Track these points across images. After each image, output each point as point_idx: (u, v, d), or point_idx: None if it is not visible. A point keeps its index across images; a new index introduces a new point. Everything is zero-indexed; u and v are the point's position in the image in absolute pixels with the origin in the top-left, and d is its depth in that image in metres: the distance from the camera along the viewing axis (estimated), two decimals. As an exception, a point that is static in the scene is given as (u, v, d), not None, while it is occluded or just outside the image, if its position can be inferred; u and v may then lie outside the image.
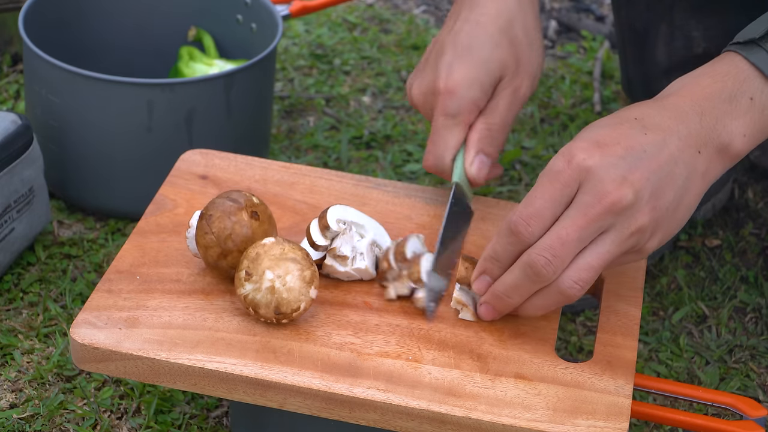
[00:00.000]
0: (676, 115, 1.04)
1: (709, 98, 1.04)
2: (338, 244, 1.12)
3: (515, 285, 1.04)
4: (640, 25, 1.46)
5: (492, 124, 1.19)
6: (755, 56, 1.04)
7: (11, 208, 1.38)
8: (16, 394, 1.28)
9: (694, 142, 1.03)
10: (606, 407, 1.02)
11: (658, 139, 1.02)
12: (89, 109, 1.45)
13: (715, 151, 1.04)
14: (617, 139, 1.02)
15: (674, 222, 1.04)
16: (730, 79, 1.05)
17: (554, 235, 1.01)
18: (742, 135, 1.04)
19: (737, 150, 1.05)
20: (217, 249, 1.09)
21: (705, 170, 1.04)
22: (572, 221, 1.01)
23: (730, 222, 1.57)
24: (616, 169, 1.01)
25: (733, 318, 1.43)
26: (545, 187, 1.02)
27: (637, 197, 1.00)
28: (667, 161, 1.02)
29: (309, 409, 1.03)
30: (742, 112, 1.04)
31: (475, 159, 1.19)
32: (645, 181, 1.01)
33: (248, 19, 1.62)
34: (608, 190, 1.00)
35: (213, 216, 1.09)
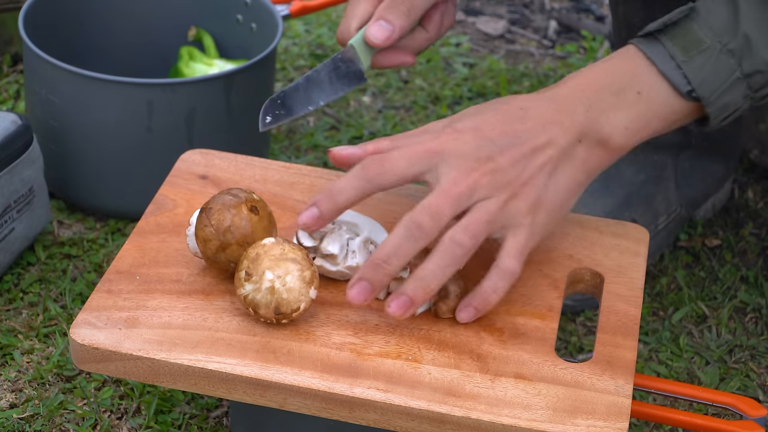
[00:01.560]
0: (562, 106, 1.08)
1: (597, 91, 1.08)
2: (324, 244, 1.12)
3: (394, 247, 1.04)
4: (637, 21, 1.46)
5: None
6: (652, 49, 1.08)
7: (11, 208, 1.38)
8: (16, 394, 1.28)
9: (577, 131, 1.07)
10: (606, 407, 1.02)
11: (536, 127, 1.06)
12: (89, 109, 1.45)
13: (595, 142, 1.07)
14: (496, 123, 1.07)
15: (554, 205, 1.07)
16: (620, 73, 1.08)
17: (434, 195, 1.04)
18: (624, 128, 1.07)
19: (617, 143, 1.08)
20: (216, 242, 1.09)
21: (585, 158, 1.07)
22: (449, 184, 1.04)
23: (730, 222, 1.57)
24: (485, 150, 1.05)
25: (733, 318, 1.43)
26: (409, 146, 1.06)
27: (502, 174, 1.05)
28: (541, 146, 1.06)
29: (309, 409, 1.03)
30: (627, 105, 1.07)
31: (375, 23, 1.19)
32: (512, 162, 1.05)
33: (248, 19, 1.62)
34: (473, 166, 1.05)
35: (213, 209, 1.09)
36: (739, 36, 1.06)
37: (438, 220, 1.04)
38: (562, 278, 1.16)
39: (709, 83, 1.07)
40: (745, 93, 1.08)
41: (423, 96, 1.80)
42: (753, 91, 1.08)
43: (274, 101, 1.18)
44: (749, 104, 1.09)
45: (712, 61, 1.06)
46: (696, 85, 1.07)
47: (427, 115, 1.76)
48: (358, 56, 1.20)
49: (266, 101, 1.18)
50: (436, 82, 1.84)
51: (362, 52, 1.20)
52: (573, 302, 1.42)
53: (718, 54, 1.06)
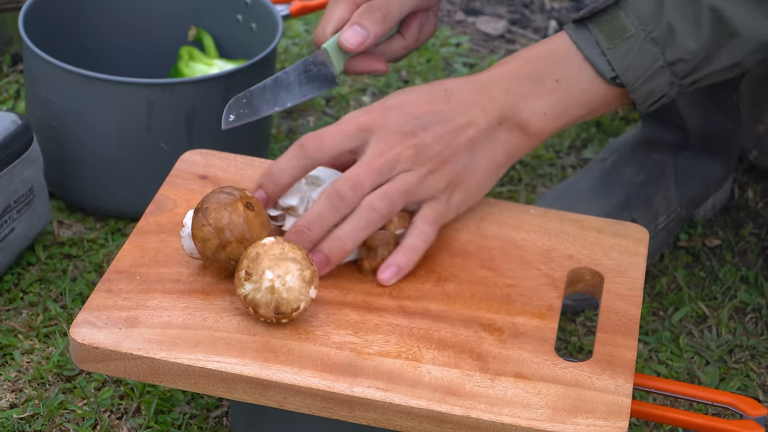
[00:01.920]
0: (483, 90, 1.12)
1: (516, 77, 1.12)
2: (283, 197, 1.14)
3: (316, 214, 1.10)
4: None
5: (373, 2, 1.20)
6: (579, 35, 1.11)
7: (11, 208, 1.38)
8: (16, 394, 1.28)
9: (497, 114, 1.12)
10: (606, 406, 1.02)
11: (459, 107, 1.11)
12: (89, 109, 1.45)
13: (515, 125, 1.13)
14: (420, 102, 1.12)
15: (474, 183, 1.13)
16: (543, 59, 1.12)
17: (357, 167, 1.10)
18: (543, 113, 1.12)
19: (536, 127, 1.13)
20: (215, 240, 1.09)
21: (505, 140, 1.13)
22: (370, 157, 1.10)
23: (730, 222, 1.57)
24: (409, 126, 1.11)
25: (733, 318, 1.43)
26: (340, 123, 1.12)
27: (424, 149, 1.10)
28: (463, 126, 1.11)
29: (309, 408, 1.03)
30: (545, 92, 1.12)
31: (349, 28, 1.20)
32: (435, 138, 1.11)
33: (248, 19, 1.62)
34: (398, 140, 1.10)
35: (209, 208, 1.09)
36: (662, 24, 1.08)
37: (358, 190, 1.10)
38: (561, 278, 1.16)
39: (633, 70, 1.10)
40: (670, 80, 1.10)
41: (423, 96, 1.80)
42: (679, 78, 1.10)
43: (239, 100, 1.19)
44: (677, 90, 1.12)
45: (635, 49, 1.09)
46: (620, 72, 1.10)
47: (427, 115, 1.76)
48: (330, 60, 1.21)
49: (231, 99, 1.18)
50: (436, 82, 1.83)
51: (335, 56, 1.21)
52: (573, 302, 1.42)
53: (642, 42, 1.09)
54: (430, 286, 1.14)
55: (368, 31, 1.20)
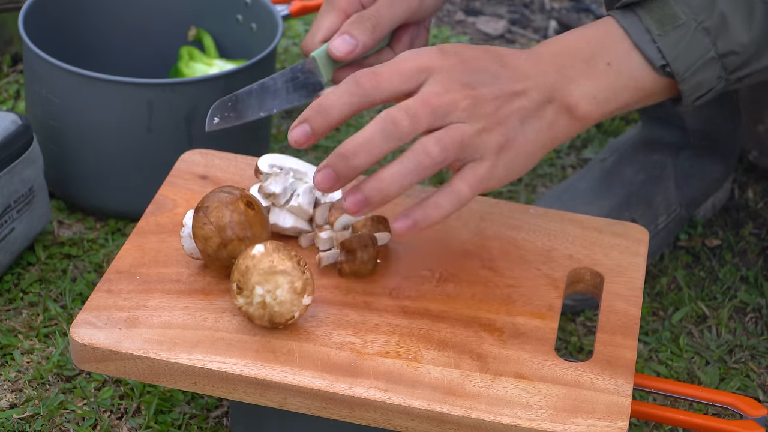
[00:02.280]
0: (537, 64, 1.07)
1: (569, 56, 1.07)
2: (267, 183, 1.15)
3: (367, 140, 1.02)
4: None
5: (363, 13, 1.20)
6: (627, 21, 1.07)
7: (11, 208, 1.38)
8: (16, 394, 1.28)
9: (548, 91, 1.06)
10: (606, 406, 1.02)
11: (513, 75, 1.06)
12: (89, 109, 1.45)
13: (562, 107, 1.07)
14: (475, 57, 1.06)
15: (521, 154, 1.06)
16: (594, 41, 1.08)
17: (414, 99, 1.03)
18: (593, 96, 1.07)
19: (583, 111, 1.07)
20: (216, 239, 1.09)
21: (551, 122, 1.07)
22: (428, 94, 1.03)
23: (730, 222, 1.57)
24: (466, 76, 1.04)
25: (733, 318, 1.43)
26: (398, 63, 1.04)
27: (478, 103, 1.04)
28: (517, 92, 1.05)
29: (309, 408, 1.03)
30: (596, 74, 1.07)
31: (339, 37, 1.20)
32: (490, 96, 1.04)
33: (248, 19, 1.62)
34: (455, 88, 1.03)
35: (210, 207, 1.09)
36: (715, 14, 1.05)
37: (414, 123, 1.02)
38: (562, 278, 1.16)
39: (683, 59, 1.06)
40: (719, 73, 1.07)
41: (423, 96, 1.80)
42: (727, 72, 1.07)
43: (224, 103, 1.19)
44: (723, 86, 1.08)
45: (687, 38, 1.06)
46: (670, 60, 1.06)
47: (427, 115, 1.76)
48: (318, 68, 1.21)
49: (216, 101, 1.18)
50: (436, 82, 1.83)
51: (324, 64, 1.21)
52: (573, 302, 1.42)
53: (694, 31, 1.06)
54: (430, 286, 1.14)
55: (357, 40, 1.19)
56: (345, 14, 1.21)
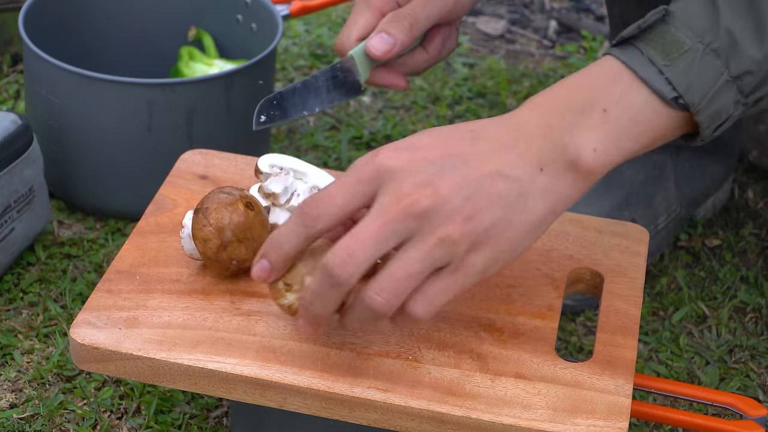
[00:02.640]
0: (519, 130, 0.96)
1: (558, 110, 0.96)
2: (267, 183, 1.14)
3: (316, 291, 0.96)
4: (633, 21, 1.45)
5: (399, 12, 1.18)
6: (628, 55, 0.97)
7: (11, 208, 1.38)
8: (16, 394, 1.28)
9: (535, 159, 0.95)
10: (606, 407, 1.02)
11: (488, 152, 0.95)
12: (89, 109, 1.45)
13: (563, 167, 0.96)
14: (437, 145, 0.95)
15: (508, 241, 0.95)
16: (586, 87, 0.97)
17: (351, 236, 0.93)
18: (592, 150, 0.95)
19: (588, 165, 0.96)
20: (216, 240, 1.09)
21: (549, 188, 0.95)
22: (369, 221, 0.93)
23: (730, 222, 1.57)
24: (422, 173, 0.93)
25: (733, 318, 1.43)
26: (343, 178, 0.95)
27: (440, 203, 0.92)
28: (492, 174, 0.94)
29: (309, 408, 1.03)
30: (592, 124, 0.96)
31: (376, 35, 1.18)
32: (457, 188, 0.93)
33: (248, 19, 1.62)
34: (406, 191, 0.92)
35: (209, 208, 1.09)
36: (721, 33, 0.96)
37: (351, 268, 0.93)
38: (561, 278, 1.16)
39: (697, 88, 0.96)
40: (736, 98, 0.97)
41: (423, 96, 1.80)
42: (744, 95, 0.98)
43: (269, 101, 1.18)
44: (741, 111, 0.99)
45: (696, 64, 0.96)
46: (682, 91, 0.96)
47: (427, 115, 1.76)
48: (356, 67, 1.20)
49: (262, 100, 1.18)
50: (436, 82, 1.84)
51: (361, 63, 1.20)
52: (573, 302, 1.42)
53: (702, 55, 0.96)
54: (430, 286, 1.14)
55: (395, 39, 1.17)
56: (380, 12, 1.20)
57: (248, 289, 1.12)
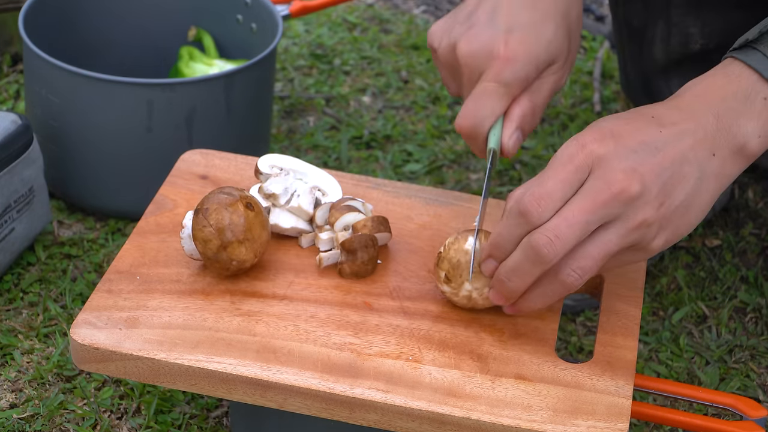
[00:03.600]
0: (692, 116, 1.02)
1: (725, 99, 1.02)
2: (267, 183, 1.15)
3: (515, 267, 1.03)
4: (637, 22, 1.46)
5: (536, 104, 1.17)
6: (752, 59, 1.03)
7: (11, 208, 1.38)
8: (16, 394, 1.28)
9: (710, 144, 1.02)
10: (606, 408, 1.02)
11: (673, 136, 1.01)
12: (89, 109, 1.45)
13: (730, 153, 1.03)
14: (631, 132, 1.01)
15: (684, 223, 1.02)
16: (744, 79, 1.02)
17: (560, 217, 1.00)
18: (757, 136, 1.02)
19: (753, 151, 1.03)
20: (216, 241, 1.09)
21: (719, 173, 1.02)
22: (579, 205, 1.00)
23: (730, 222, 1.57)
24: (627, 160, 1.00)
25: (733, 318, 1.43)
26: (557, 170, 1.01)
27: (644, 189, 0.99)
28: (679, 159, 1.01)
29: (309, 409, 1.03)
30: (756, 113, 1.02)
31: (514, 133, 1.17)
32: (655, 175, 1.00)
33: (248, 19, 1.62)
34: (618, 179, 0.99)
35: (209, 209, 1.09)
36: None
37: (557, 248, 1.00)
38: (562, 278, 1.15)
39: None
40: None
41: (423, 96, 1.80)
42: None
43: None
44: None
45: None
46: None
47: (427, 115, 1.76)
48: (497, 157, 1.17)
49: None
50: (436, 82, 1.84)
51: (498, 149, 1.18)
52: (573, 302, 1.42)
53: None
54: (430, 286, 1.14)
55: (525, 136, 1.18)
56: (513, 97, 1.17)
57: (248, 290, 1.12)
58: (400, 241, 1.19)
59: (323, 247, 1.16)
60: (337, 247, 1.15)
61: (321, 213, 1.17)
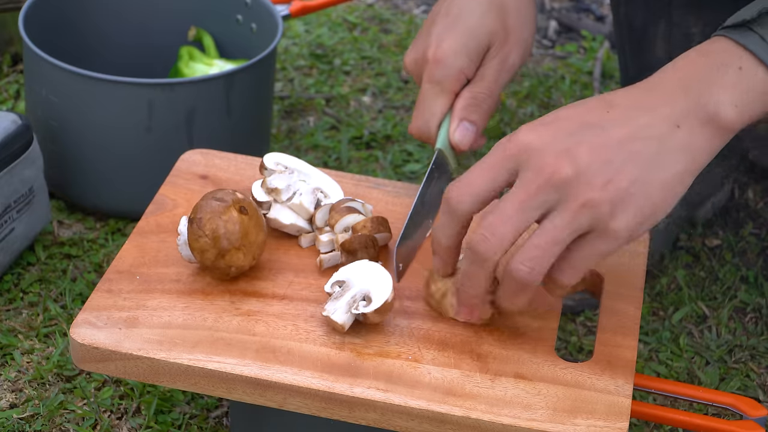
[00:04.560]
0: (655, 94, 0.99)
1: (696, 70, 0.98)
2: (271, 178, 1.16)
3: (464, 272, 1.02)
4: (638, 22, 1.46)
5: (477, 93, 1.17)
6: (747, 39, 0.98)
7: (11, 208, 1.38)
8: (16, 394, 1.28)
9: (673, 118, 0.97)
10: (606, 407, 1.02)
11: (621, 116, 0.97)
12: (89, 109, 1.45)
13: (699, 123, 0.97)
14: (573, 116, 0.98)
15: (648, 201, 0.97)
16: (719, 53, 0.98)
17: (494, 213, 0.97)
18: (733, 105, 0.97)
19: (728, 119, 0.97)
20: (213, 251, 1.08)
21: (687, 145, 0.97)
22: (511, 197, 0.97)
23: (730, 222, 1.57)
24: (560, 143, 0.96)
25: (733, 318, 1.43)
26: (483, 160, 0.99)
27: (579, 170, 0.95)
28: (627, 137, 0.96)
29: (309, 408, 1.03)
30: (731, 82, 0.97)
31: (459, 126, 1.17)
32: (593, 154, 0.96)
33: (248, 19, 1.62)
34: (548, 162, 0.96)
35: (203, 219, 1.09)
36: None
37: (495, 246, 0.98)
38: (562, 278, 1.15)
39: None
40: None
41: (423, 96, 1.80)
42: None
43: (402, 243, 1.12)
44: None
45: None
46: None
47: (427, 115, 1.76)
48: (447, 159, 1.18)
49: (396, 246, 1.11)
50: (436, 82, 1.83)
51: (450, 153, 1.18)
52: (573, 302, 1.42)
53: None
54: (430, 286, 1.14)
55: (478, 126, 1.17)
56: (455, 94, 1.18)
57: (248, 289, 1.12)
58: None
59: (323, 249, 1.16)
60: (338, 249, 1.15)
61: (321, 215, 1.17)
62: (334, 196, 1.19)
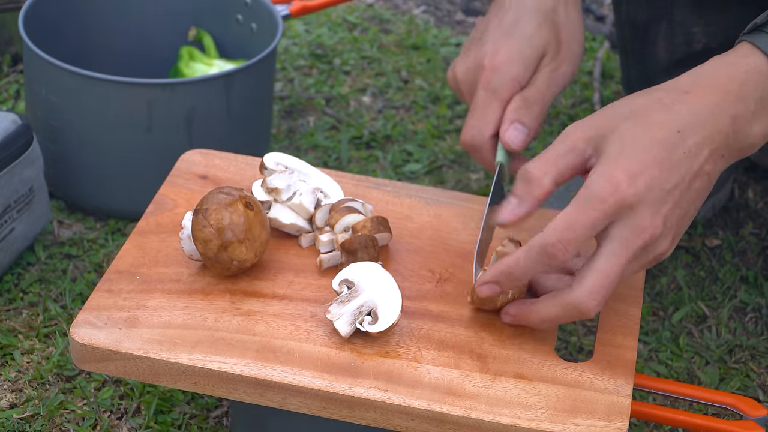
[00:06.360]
0: (712, 120, 1.02)
1: (740, 99, 1.02)
2: (271, 178, 1.16)
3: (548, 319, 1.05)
4: (640, 21, 1.46)
5: (528, 96, 1.18)
6: (760, 41, 1.03)
7: (11, 208, 1.38)
8: (16, 394, 1.28)
9: (724, 148, 1.03)
10: (606, 407, 1.02)
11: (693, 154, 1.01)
12: (89, 109, 1.45)
13: (737, 153, 1.04)
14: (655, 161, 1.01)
15: (683, 228, 1.04)
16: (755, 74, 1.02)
17: (597, 271, 1.01)
18: (762, 136, 1.04)
19: (755, 149, 1.05)
20: (217, 241, 1.09)
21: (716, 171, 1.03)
22: (616, 257, 1.01)
23: (730, 222, 1.57)
24: (655, 204, 1.00)
25: (733, 318, 1.43)
26: (588, 214, 1.01)
27: (665, 228, 1.01)
28: (694, 176, 1.02)
29: (309, 408, 1.03)
30: (766, 112, 1.03)
31: (510, 127, 1.18)
32: (676, 211, 1.02)
33: (248, 19, 1.62)
34: (644, 227, 1.00)
35: (209, 209, 1.09)
36: None
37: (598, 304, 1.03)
38: (562, 278, 1.15)
39: None
40: None
41: (423, 96, 1.80)
42: None
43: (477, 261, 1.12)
44: None
45: None
46: None
47: (427, 115, 1.76)
48: (505, 174, 1.18)
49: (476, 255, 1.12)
50: (436, 82, 1.84)
51: (507, 166, 1.18)
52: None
53: None
54: (430, 286, 1.14)
55: (529, 128, 1.18)
56: (506, 102, 1.19)
57: (248, 289, 1.12)
58: (401, 241, 1.19)
59: (323, 249, 1.16)
60: (338, 249, 1.15)
61: (321, 215, 1.17)
62: (334, 196, 1.19)
